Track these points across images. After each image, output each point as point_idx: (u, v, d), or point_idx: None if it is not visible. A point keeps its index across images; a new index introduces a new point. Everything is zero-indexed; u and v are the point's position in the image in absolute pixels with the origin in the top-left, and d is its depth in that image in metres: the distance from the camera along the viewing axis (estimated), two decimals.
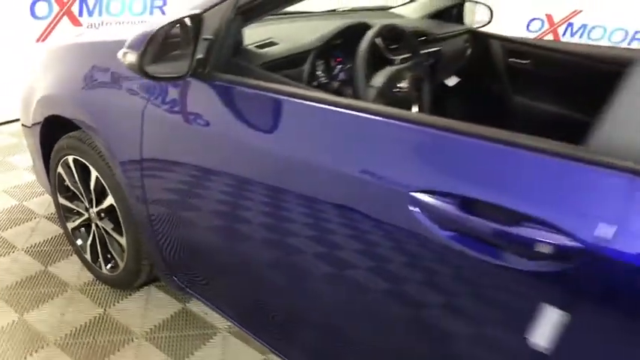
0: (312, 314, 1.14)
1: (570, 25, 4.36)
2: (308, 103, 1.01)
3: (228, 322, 1.62)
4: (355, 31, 1.37)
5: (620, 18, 4.08)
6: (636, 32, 4.10)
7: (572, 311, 0.68)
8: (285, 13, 1.79)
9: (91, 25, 3.41)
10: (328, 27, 1.44)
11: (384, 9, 2.25)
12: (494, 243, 0.74)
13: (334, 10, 2.13)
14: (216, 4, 1.14)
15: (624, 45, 4.10)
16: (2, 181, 2.46)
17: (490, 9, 2.29)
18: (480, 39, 2.15)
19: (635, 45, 4.11)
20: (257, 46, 1.28)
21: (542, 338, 0.71)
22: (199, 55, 1.12)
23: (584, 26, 4.30)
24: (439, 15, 2.20)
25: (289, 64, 1.29)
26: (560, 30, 4.42)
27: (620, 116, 0.69)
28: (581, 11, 4.25)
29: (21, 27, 3.08)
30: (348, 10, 2.15)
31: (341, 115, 0.96)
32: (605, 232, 0.65)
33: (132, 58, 1.00)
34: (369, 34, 1.30)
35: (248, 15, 1.16)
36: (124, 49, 1.02)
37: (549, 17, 4.44)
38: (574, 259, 0.67)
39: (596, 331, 0.69)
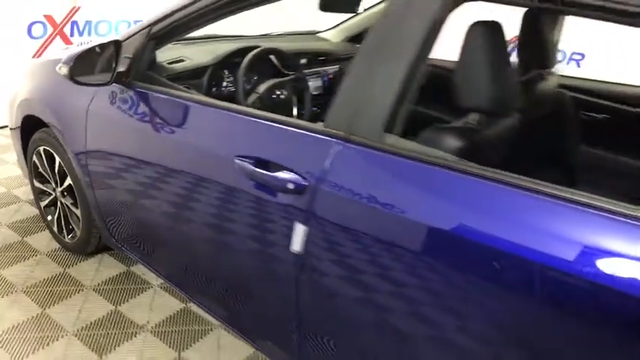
0: (210, 269, 1.55)
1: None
2: (190, 103, 1.45)
3: (160, 280, 2.05)
4: (248, 52, 1.82)
5: None
6: None
7: (309, 226, 1.11)
8: (217, 37, 2.25)
9: (81, 43, 3.92)
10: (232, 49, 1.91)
11: (311, 33, 2.71)
12: (272, 187, 1.17)
13: (267, 34, 2.60)
14: (134, 34, 1.59)
15: None
16: None
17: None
18: None
19: None
20: (169, 63, 1.74)
21: (296, 245, 1.14)
22: (121, 69, 1.58)
23: None
24: (355, 39, 2.65)
25: (192, 76, 1.74)
26: None
27: (340, 98, 1.12)
28: None
29: (19, 45, 3.58)
30: (280, 34, 2.61)
31: (207, 110, 1.40)
32: (325, 175, 1.08)
33: (65, 70, 1.46)
34: (249, 56, 1.76)
35: (158, 41, 1.61)
36: (60, 64, 1.48)
37: None
38: (308, 192, 1.10)
39: (327, 236, 1.11)
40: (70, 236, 2.18)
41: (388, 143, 1.03)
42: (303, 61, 2.11)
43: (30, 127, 2.14)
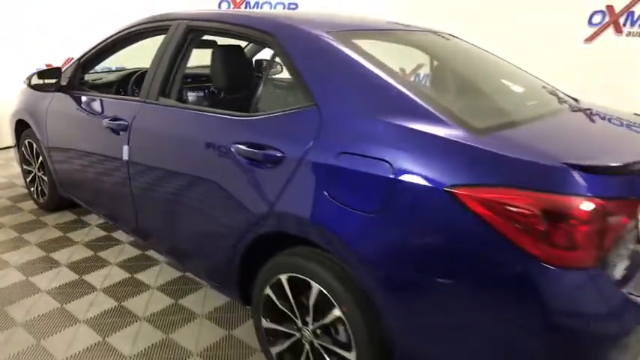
0: (97, 182, 2.66)
1: None
2: (102, 99, 2.62)
3: (99, 220, 3.18)
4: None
5: None
6: None
7: (129, 146, 2.24)
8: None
9: None
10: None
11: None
12: (115, 129, 2.31)
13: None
14: (71, 64, 2.82)
15: None
16: (4, 171, 4.18)
17: (281, 65, 3.92)
18: None
19: None
20: (92, 80, 2.95)
21: (125, 156, 2.26)
22: (63, 83, 2.79)
23: None
24: None
25: (106, 87, 2.94)
26: None
27: (144, 84, 2.26)
28: None
29: None
30: (197, 66, 3.82)
31: (107, 101, 2.56)
32: (134, 120, 2.22)
33: (27, 82, 2.67)
34: (134, 75, 2.95)
35: (85, 67, 2.83)
36: (24, 79, 2.69)
37: None
38: (128, 129, 2.24)
39: (136, 149, 2.22)
40: (42, 199, 3.36)
41: (160, 101, 2.17)
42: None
43: (21, 129, 3.38)
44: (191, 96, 2.36)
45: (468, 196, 1.24)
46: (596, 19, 4.44)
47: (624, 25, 4.27)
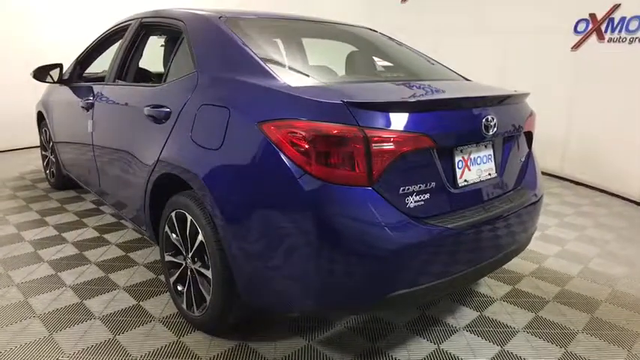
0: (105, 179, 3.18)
1: None
2: (82, 86, 3.19)
3: (94, 197, 3.73)
4: None
5: None
6: None
7: (93, 120, 2.74)
8: None
9: None
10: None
11: None
12: (86, 107, 2.82)
13: None
14: (72, 63, 3.41)
15: None
16: (37, 162, 4.92)
17: None
18: None
19: None
20: (86, 74, 3.53)
21: (90, 128, 2.76)
22: (65, 77, 3.38)
23: None
24: None
25: (98, 79, 3.51)
26: None
27: (108, 71, 2.76)
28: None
29: None
30: None
31: (87, 87, 3.12)
32: (97, 98, 2.72)
33: (32, 74, 3.29)
34: None
35: (82, 64, 3.41)
36: (31, 72, 3.31)
37: None
38: (93, 106, 2.74)
39: (97, 122, 2.72)
40: (53, 179, 3.97)
41: (116, 82, 2.66)
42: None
43: (40, 120, 4.04)
44: (136, 77, 2.84)
45: (268, 128, 1.56)
46: (581, 26, 4.52)
47: (605, 31, 4.31)
